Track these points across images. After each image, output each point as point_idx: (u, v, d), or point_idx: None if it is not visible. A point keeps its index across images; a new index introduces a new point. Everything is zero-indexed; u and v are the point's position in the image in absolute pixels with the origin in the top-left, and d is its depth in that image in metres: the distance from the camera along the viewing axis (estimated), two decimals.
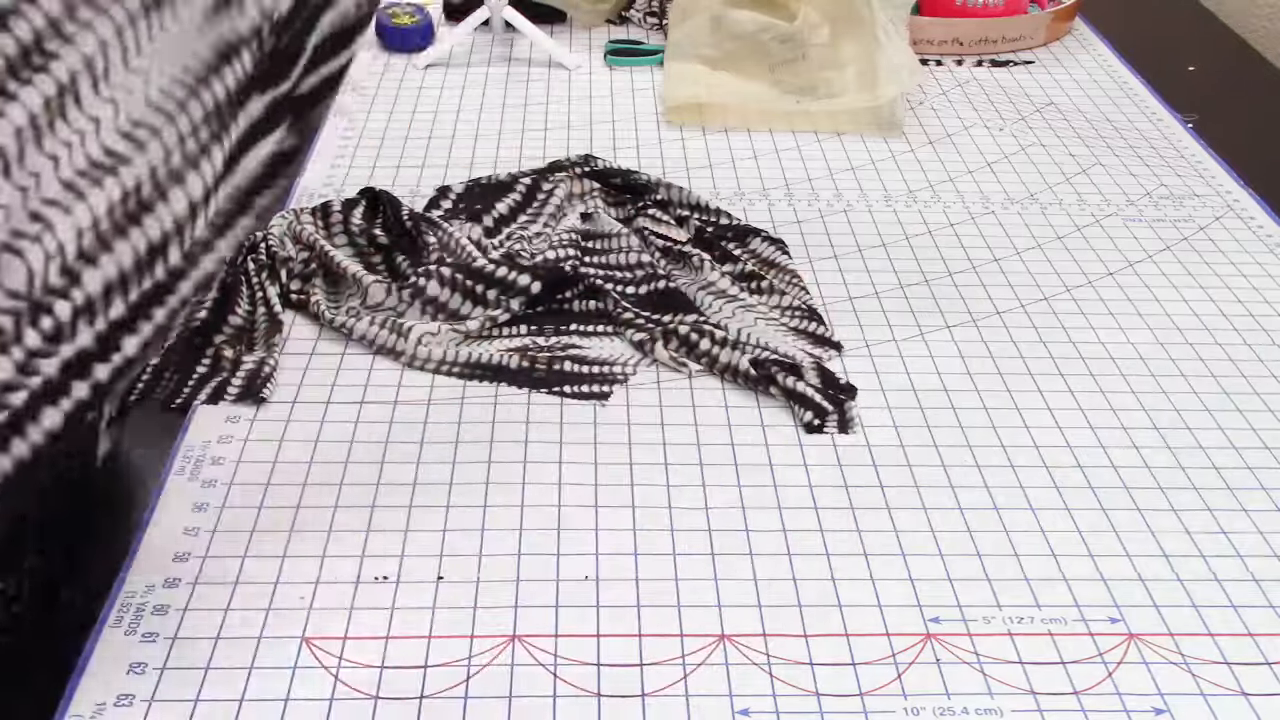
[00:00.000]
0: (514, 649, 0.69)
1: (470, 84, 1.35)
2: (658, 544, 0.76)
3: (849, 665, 0.68)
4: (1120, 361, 0.94)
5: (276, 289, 0.96)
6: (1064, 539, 0.77)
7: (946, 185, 1.19)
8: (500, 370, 0.89)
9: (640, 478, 0.81)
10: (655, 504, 0.79)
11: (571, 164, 1.12)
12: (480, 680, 0.67)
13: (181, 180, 0.61)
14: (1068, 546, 0.77)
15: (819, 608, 0.72)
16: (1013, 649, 0.70)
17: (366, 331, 0.92)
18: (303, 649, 0.68)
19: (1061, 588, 0.74)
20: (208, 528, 0.76)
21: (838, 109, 1.28)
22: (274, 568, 0.74)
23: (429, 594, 0.72)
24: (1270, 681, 0.68)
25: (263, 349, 0.90)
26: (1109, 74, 1.43)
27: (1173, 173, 1.22)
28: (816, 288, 1.01)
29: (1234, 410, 0.89)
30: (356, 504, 0.79)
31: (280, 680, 0.66)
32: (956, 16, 1.45)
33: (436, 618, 0.70)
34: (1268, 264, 1.07)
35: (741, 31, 1.31)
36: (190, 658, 0.67)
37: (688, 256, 1.01)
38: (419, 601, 0.71)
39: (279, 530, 0.76)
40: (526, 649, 0.69)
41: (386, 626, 0.70)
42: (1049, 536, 0.78)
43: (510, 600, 0.72)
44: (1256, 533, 0.78)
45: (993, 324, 0.98)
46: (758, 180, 1.18)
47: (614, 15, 1.52)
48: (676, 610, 0.71)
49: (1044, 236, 1.10)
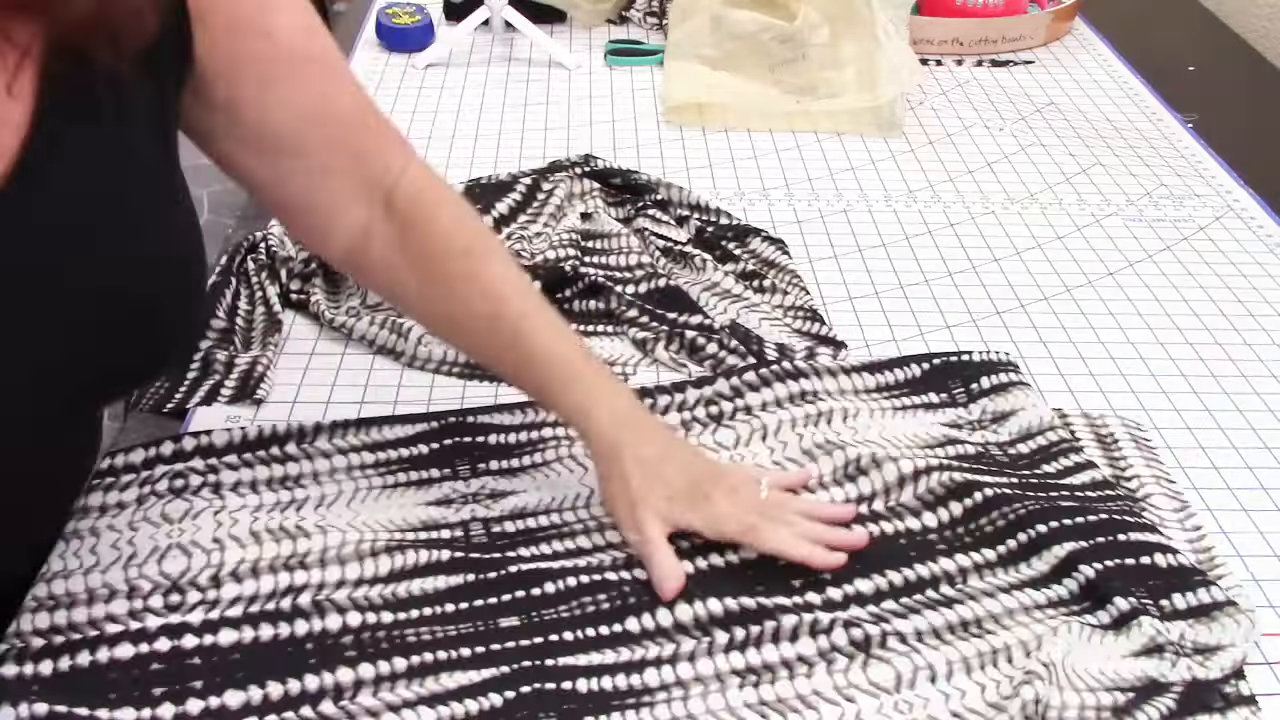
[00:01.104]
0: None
1: (470, 84, 1.35)
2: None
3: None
4: (1120, 361, 0.94)
5: (276, 289, 0.96)
6: None
7: (946, 185, 1.18)
8: None
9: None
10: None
11: (571, 164, 1.12)
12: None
13: None
14: None
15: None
16: None
17: (366, 331, 0.92)
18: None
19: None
20: None
21: (838, 109, 1.28)
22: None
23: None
24: (1270, 681, 0.68)
25: (258, 348, 0.90)
26: (1109, 74, 1.43)
27: (1173, 173, 1.22)
28: (816, 288, 1.01)
29: (1234, 410, 0.89)
30: None
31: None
32: (956, 16, 1.45)
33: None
34: (1268, 264, 1.07)
35: (741, 31, 1.31)
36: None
37: (689, 256, 1.01)
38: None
39: None
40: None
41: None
42: None
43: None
44: (1256, 533, 0.78)
45: (993, 324, 0.98)
46: (758, 180, 1.18)
47: (614, 15, 1.52)
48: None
49: (1044, 236, 1.10)
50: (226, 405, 0.85)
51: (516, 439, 0.82)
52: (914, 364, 0.89)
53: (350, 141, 0.74)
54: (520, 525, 0.75)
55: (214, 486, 0.77)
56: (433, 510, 0.76)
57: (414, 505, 0.77)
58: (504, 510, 0.76)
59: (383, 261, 0.76)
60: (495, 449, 0.81)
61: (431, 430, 0.82)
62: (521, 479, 0.79)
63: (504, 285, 0.76)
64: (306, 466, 0.79)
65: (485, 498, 0.77)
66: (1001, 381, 0.87)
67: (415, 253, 0.76)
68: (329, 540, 0.73)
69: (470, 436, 0.82)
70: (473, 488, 0.78)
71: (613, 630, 0.69)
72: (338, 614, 0.68)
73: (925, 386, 0.87)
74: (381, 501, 0.77)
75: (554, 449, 0.81)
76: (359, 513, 0.76)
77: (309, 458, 0.79)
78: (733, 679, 0.66)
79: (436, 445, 0.81)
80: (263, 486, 0.77)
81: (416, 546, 0.73)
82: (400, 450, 0.80)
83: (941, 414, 0.85)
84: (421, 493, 0.78)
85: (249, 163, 0.72)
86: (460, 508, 0.77)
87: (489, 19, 1.41)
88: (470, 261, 0.76)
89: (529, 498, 0.77)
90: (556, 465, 0.80)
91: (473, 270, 0.76)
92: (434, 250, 0.76)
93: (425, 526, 0.75)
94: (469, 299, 0.75)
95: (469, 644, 0.67)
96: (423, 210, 0.76)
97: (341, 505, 0.76)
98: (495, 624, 0.69)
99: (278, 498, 0.76)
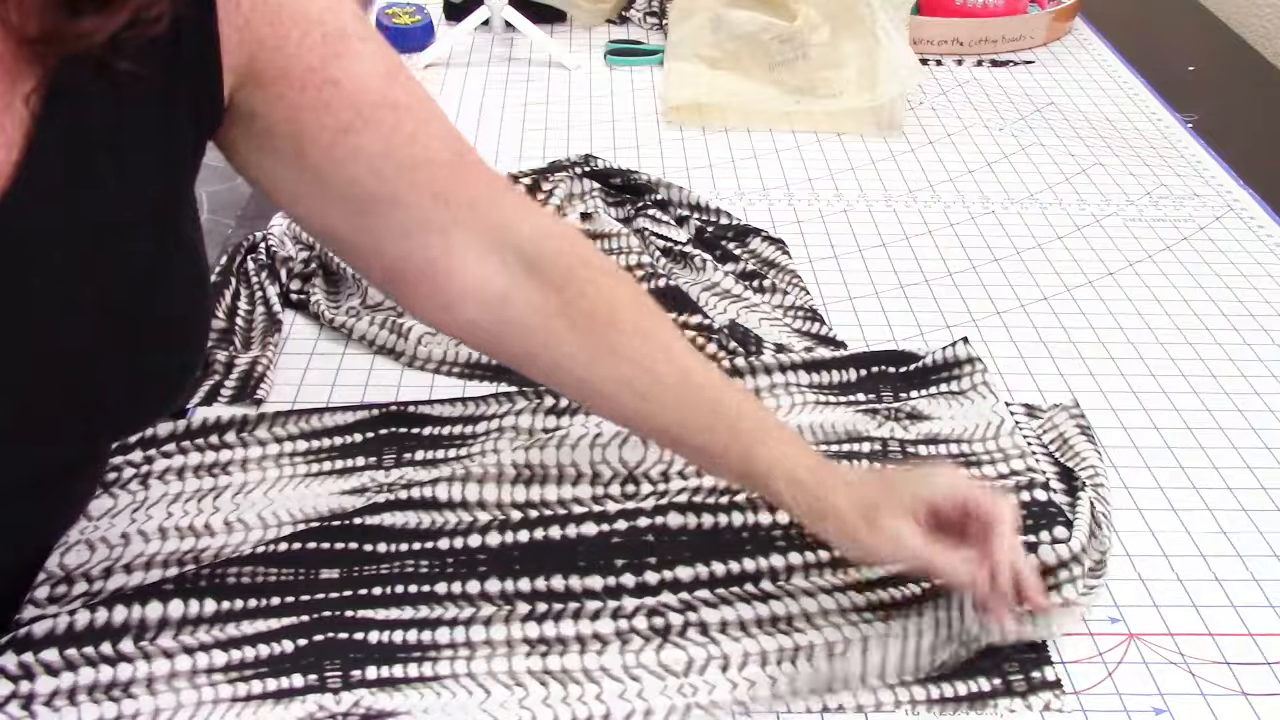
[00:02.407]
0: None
1: (470, 84, 1.35)
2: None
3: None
4: (1120, 361, 0.94)
5: (276, 289, 0.96)
6: None
7: (946, 185, 1.18)
8: (500, 370, 0.89)
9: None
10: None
11: (571, 164, 1.12)
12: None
13: None
14: None
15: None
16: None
17: (366, 331, 0.92)
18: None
19: None
20: None
21: (838, 109, 1.27)
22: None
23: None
24: (1270, 681, 0.68)
25: (258, 348, 0.90)
26: (1109, 74, 1.43)
27: (1173, 173, 1.22)
28: (816, 288, 1.01)
29: (1234, 410, 0.89)
30: None
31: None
32: (956, 16, 1.45)
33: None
34: (1268, 264, 1.07)
35: (741, 31, 1.31)
36: None
37: (689, 256, 1.01)
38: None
39: None
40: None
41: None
42: None
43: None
44: (1256, 533, 0.78)
45: (993, 324, 0.98)
46: (758, 180, 1.18)
47: (614, 15, 1.52)
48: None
49: (1044, 236, 1.10)
50: (226, 405, 0.85)
51: (450, 431, 0.82)
52: (852, 368, 0.88)
53: (452, 189, 0.67)
54: (409, 516, 0.75)
55: (143, 477, 0.77)
56: (345, 499, 0.77)
57: (328, 494, 0.77)
58: (384, 522, 0.75)
59: (528, 329, 0.69)
60: (425, 440, 0.81)
61: (370, 419, 0.83)
62: (443, 470, 0.79)
63: (682, 347, 0.71)
64: (239, 454, 0.79)
65: (400, 488, 0.77)
66: (937, 392, 0.87)
67: (578, 320, 0.69)
68: (231, 539, 0.74)
69: (406, 427, 0.82)
70: (391, 478, 0.79)
71: (420, 590, 0.70)
72: (176, 565, 0.70)
73: (858, 389, 0.87)
74: (299, 490, 0.77)
75: (481, 443, 0.81)
76: (272, 501, 0.76)
77: (244, 445, 0.80)
78: (522, 646, 0.68)
79: (371, 434, 0.82)
80: (189, 473, 0.78)
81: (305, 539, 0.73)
82: (335, 439, 0.81)
83: (860, 409, 0.85)
84: (339, 481, 0.78)
85: (339, 225, 0.67)
86: (374, 497, 0.77)
87: (489, 19, 1.41)
88: (645, 325, 0.70)
89: (440, 490, 0.76)
90: (479, 458, 0.80)
91: (651, 331, 0.70)
92: (601, 316, 0.69)
93: (331, 517, 0.75)
94: (654, 365, 0.69)
95: (281, 592, 0.69)
96: (577, 272, 0.69)
97: (259, 493, 0.77)
98: (316, 574, 0.70)
99: (199, 485, 0.77)
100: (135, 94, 0.57)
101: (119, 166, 0.58)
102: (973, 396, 0.86)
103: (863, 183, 1.18)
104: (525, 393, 0.85)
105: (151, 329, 0.61)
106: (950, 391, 0.87)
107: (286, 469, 0.79)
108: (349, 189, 0.65)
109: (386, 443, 0.81)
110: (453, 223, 0.68)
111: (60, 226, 0.57)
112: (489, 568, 0.72)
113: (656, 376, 0.69)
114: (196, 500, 0.76)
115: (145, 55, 0.55)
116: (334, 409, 0.83)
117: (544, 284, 0.69)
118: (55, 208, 0.56)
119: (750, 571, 0.72)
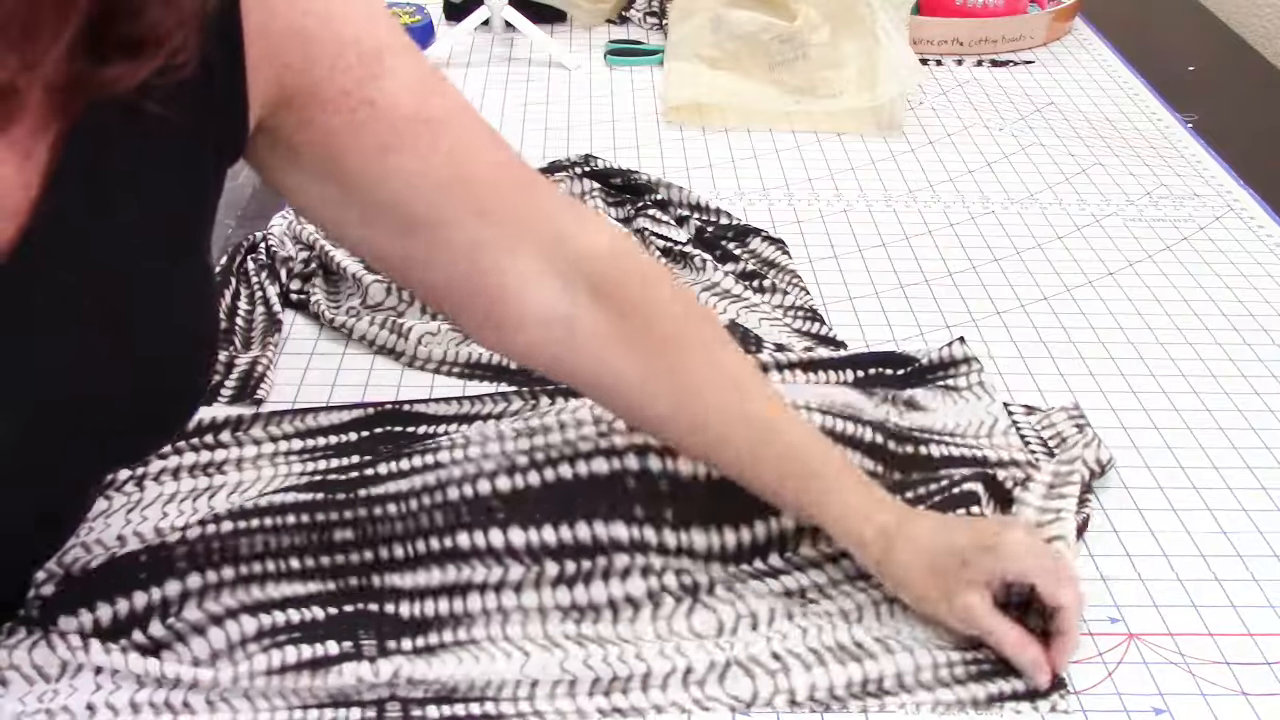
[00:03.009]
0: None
1: (470, 84, 1.35)
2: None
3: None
4: (1120, 361, 0.94)
5: (276, 289, 0.96)
6: None
7: (946, 185, 1.18)
8: (500, 370, 0.89)
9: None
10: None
11: (571, 164, 1.12)
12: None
13: None
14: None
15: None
16: None
17: (366, 331, 0.92)
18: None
19: None
20: None
21: (838, 109, 1.28)
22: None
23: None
24: (1270, 681, 0.68)
25: (258, 348, 0.90)
26: (1109, 74, 1.43)
27: (1173, 173, 1.22)
28: (816, 288, 1.01)
29: (1234, 410, 0.89)
30: None
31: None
32: (956, 16, 1.45)
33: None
34: (1268, 264, 1.07)
35: (741, 31, 1.31)
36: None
37: (689, 257, 1.01)
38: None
39: None
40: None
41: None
42: None
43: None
44: (1256, 533, 0.78)
45: (993, 324, 0.98)
46: (758, 180, 1.18)
47: (614, 15, 1.52)
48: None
49: (1044, 236, 1.10)
50: (226, 405, 0.85)
51: (445, 430, 0.82)
52: (850, 369, 0.88)
53: (497, 207, 0.65)
54: (413, 480, 0.73)
55: (138, 479, 0.76)
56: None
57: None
58: (389, 490, 0.74)
59: (590, 354, 0.68)
60: (419, 439, 0.81)
61: (365, 418, 0.82)
62: (440, 455, 0.77)
63: (745, 374, 0.69)
64: (234, 453, 0.79)
65: (393, 459, 0.76)
66: (934, 387, 0.87)
67: (642, 348, 0.67)
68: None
69: (401, 426, 0.82)
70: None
71: (443, 545, 0.69)
72: (177, 531, 0.69)
73: (856, 386, 0.87)
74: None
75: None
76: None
77: (239, 445, 0.79)
78: (555, 613, 0.68)
79: (366, 433, 0.81)
80: (185, 473, 0.77)
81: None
82: (330, 438, 0.81)
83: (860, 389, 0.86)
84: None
85: (386, 247, 0.65)
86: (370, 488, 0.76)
87: (489, 19, 1.41)
88: (707, 350, 0.69)
89: (423, 478, 0.74)
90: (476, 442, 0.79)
91: (714, 359, 0.68)
92: (668, 346, 0.68)
93: (334, 488, 0.74)
94: (723, 401, 0.68)
95: (300, 555, 0.68)
96: (643, 294, 0.68)
97: (254, 492, 0.76)
98: (330, 537, 0.70)
99: (195, 485, 0.76)
100: (161, 133, 0.56)
101: (139, 201, 0.57)
102: (968, 396, 0.86)
103: (863, 183, 1.18)
104: (522, 393, 0.85)
105: (160, 346, 0.60)
106: (947, 388, 0.87)
107: (282, 468, 0.78)
108: (392, 211, 0.63)
109: (382, 441, 0.81)
110: (506, 242, 0.65)
111: (76, 264, 0.56)
112: (507, 515, 0.70)
113: (725, 415, 0.68)
114: (192, 500, 0.75)
115: (173, 98, 0.54)
116: (329, 408, 0.83)
117: (608, 308, 0.67)
118: (72, 246, 0.55)
119: (761, 541, 0.72)
